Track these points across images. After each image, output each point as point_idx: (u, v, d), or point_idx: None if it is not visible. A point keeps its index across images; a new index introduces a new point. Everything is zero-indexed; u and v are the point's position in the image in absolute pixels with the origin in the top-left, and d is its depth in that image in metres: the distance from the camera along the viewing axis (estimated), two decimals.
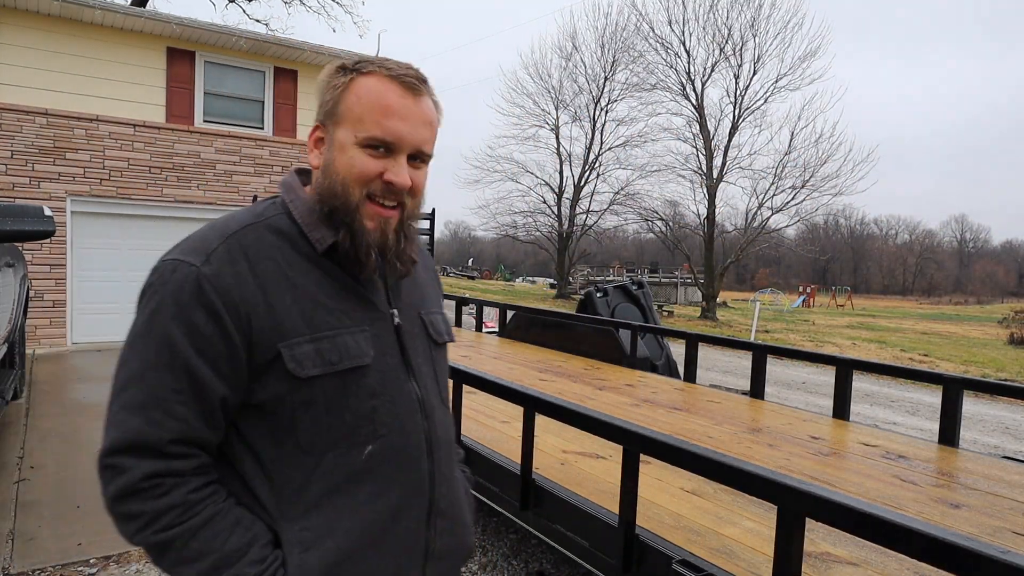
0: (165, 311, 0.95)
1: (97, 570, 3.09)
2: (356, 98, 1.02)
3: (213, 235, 1.01)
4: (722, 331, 17.98)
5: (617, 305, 7.37)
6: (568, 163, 30.12)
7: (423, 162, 1.08)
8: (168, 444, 0.93)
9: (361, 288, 1.07)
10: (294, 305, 0.99)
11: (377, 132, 1.01)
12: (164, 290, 0.96)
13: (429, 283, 1.26)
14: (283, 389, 0.97)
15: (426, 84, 1.07)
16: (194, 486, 0.95)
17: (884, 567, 1.98)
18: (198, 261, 0.97)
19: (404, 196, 1.05)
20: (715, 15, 23.00)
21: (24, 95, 8.86)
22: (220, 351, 0.95)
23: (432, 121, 1.08)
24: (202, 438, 0.96)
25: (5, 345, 4.43)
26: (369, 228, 1.03)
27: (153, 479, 0.93)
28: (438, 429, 1.12)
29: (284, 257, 1.02)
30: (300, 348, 0.97)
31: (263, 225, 1.04)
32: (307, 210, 1.06)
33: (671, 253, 40.65)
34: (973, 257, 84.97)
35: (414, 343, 1.12)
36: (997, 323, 23.97)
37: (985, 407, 9.10)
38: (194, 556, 0.94)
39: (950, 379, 3.46)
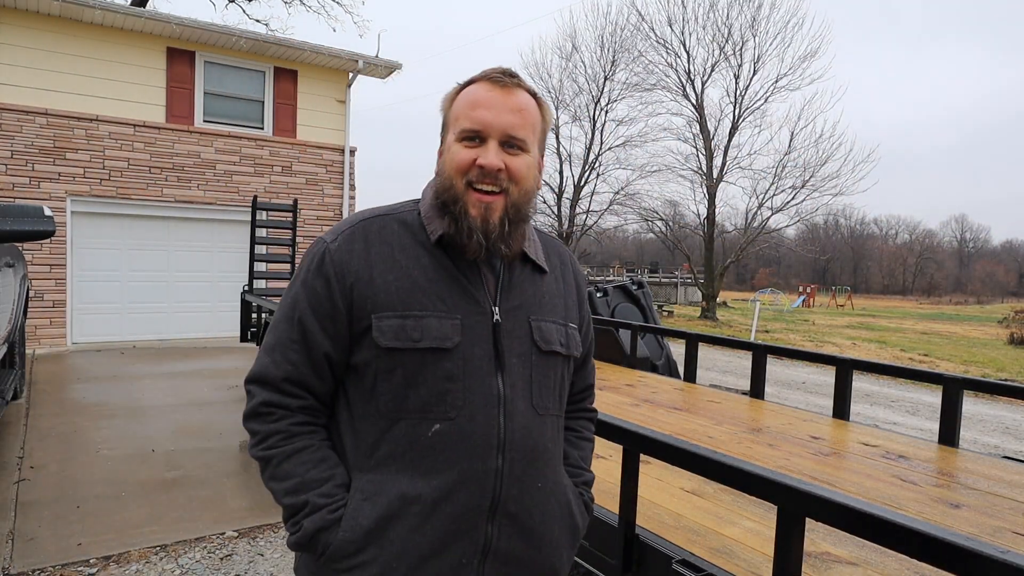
0: (300, 276, 1.18)
1: (97, 570, 3.09)
2: (457, 104, 1.16)
3: (350, 220, 1.20)
4: (722, 331, 17.98)
5: (617, 305, 7.36)
6: (568, 163, 30.11)
7: (520, 149, 1.15)
8: (282, 381, 1.14)
9: (465, 280, 1.15)
10: (395, 283, 1.12)
11: (467, 123, 1.13)
12: (304, 261, 1.19)
13: (557, 294, 1.28)
14: (371, 355, 1.10)
15: (514, 78, 1.17)
16: (298, 420, 1.14)
17: (884, 567, 1.98)
18: (329, 239, 1.17)
19: (504, 181, 1.13)
20: (715, 15, 23.00)
21: (24, 95, 8.87)
22: (328, 312, 1.13)
23: (521, 109, 1.15)
24: (310, 383, 1.14)
25: (5, 345, 4.42)
26: (472, 214, 1.12)
27: (268, 406, 1.14)
28: (518, 431, 1.13)
29: (400, 242, 1.16)
30: (388, 321, 1.10)
31: (392, 216, 1.20)
32: (429, 206, 1.19)
33: (671, 253, 40.69)
34: (973, 257, 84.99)
35: (511, 343, 1.16)
36: (997, 323, 23.97)
37: (985, 407, 9.10)
38: (282, 475, 1.12)
39: (950, 379, 3.46)
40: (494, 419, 1.11)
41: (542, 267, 1.26)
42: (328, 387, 1.17)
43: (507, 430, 1.12)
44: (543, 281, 1.25)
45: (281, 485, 1.12)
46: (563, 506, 1.24)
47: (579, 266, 1.41)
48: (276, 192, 10.70)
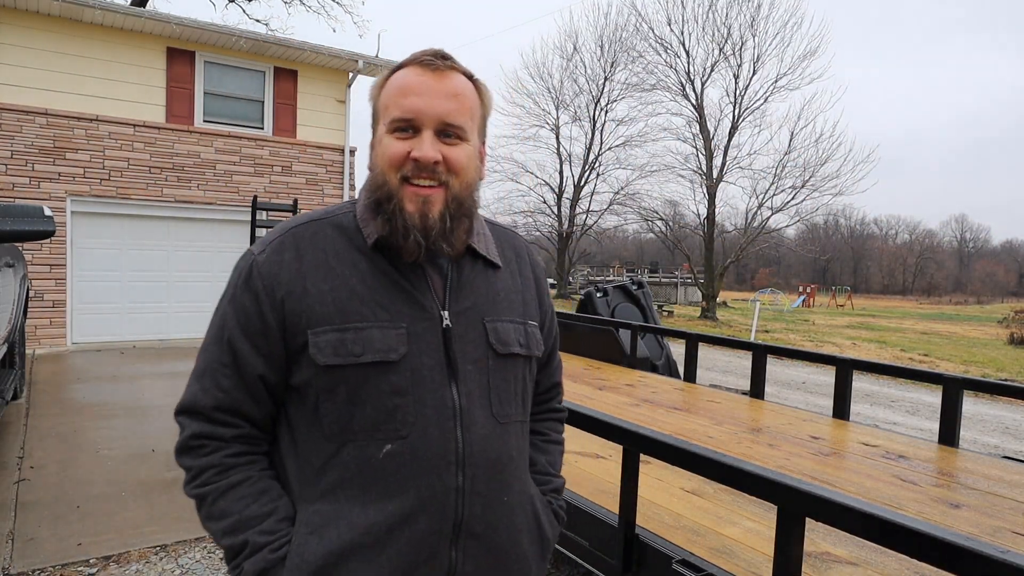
0: (227, 294, 1.08)
1: (97, 570, 3.09)
2: (386, 92, 1.07)
3: (279, 229, 1.10)
4: (722, 331, 17.97)
5: (617, 305, 7.36)
6: (568, 163, 30.15)
7: (458, 138, 1.05)
8: (213, 410, 1.04)
9: (408, 285, 1.05)
10: (330, 293, 1.02)
11: (397, 112, 1.03)
12: (232, 277, 1.09)
13: (513, 290, 1.17)
14: (310, 374, 1.01)
15: (448, 60, 1.06)
16: (233, 451, 1.04)
17: (884, 567, 1.98)
18: (257, 251, 1.08)
19: (442, 174, 1.03)
20: (714, 15, 23.01)
21: (24, 95, 8.86)
22: (258, 330, 1.03)
23: (457, 93, 1.05)
24: (245, 410, 1.05)
25: (5, 345, 4.42)
26: (409, 210, 1.02)
27: (199, 439, 1.04)
28: (476, 443, 1.04)
29: (334, 248, 1.06)
30: (325, 336, 1.00)
31: (326, 221, 1.10)
32: (364, 207, 1.09)
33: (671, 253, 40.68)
34: (973, 257, 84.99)
35: (465, 348, 1.06)
36: (997, 323, 23.96)
37: (985, 407, 9.10)
38: (219, 514, 1.02)
39: (950, 379, 3.46)
40: (450, 433, 1.02)
41: (494, 262, 1.15)
42: (266, 412, 1.07)
43: (465, 443, 1.03)
44: (496, 277, 1.15)
45: (218, 525, 1.02)
46: (531, 518, 1.15)
47: (537, 257, 1.30)
48: (276, 192, 10.70)
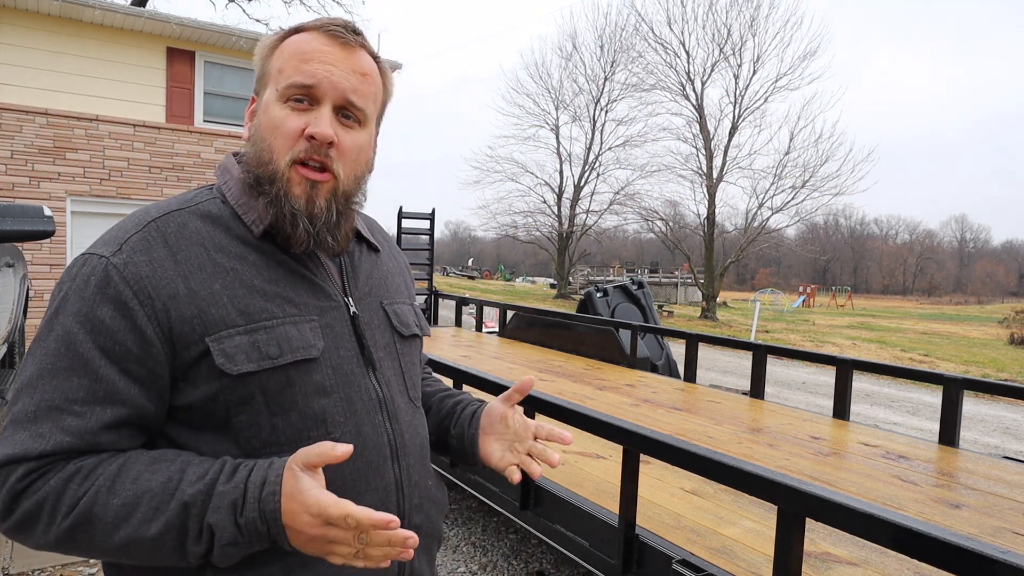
0: (67, 309, 0.84)
1: (97, 570, 3.09)
2: (280, 53, 0.94)
3: (130, 224, 0.90)
4: (722, 331, 17.98)
5: (617, 305, 7.37)
6: (568, 163, 30.17)
7: (358, 122, 0.95)
8: (51, 455, 0.80)
9: (309, 273, 0.95)
10: (224, 292, 0.87)
11: (297, 77, 0.90)
12: (68, 287, 0.85)
13: (395, 272, 1.14)
14: (215, 388, 0.85)
15: (359, 36, 0.96)
16: (89, 457, 0.82)
17: (884, 567, 1.98)
18: (109, 252, 0.85)
19: (331, 159, 0.91)
20: (714, 15, 23.03)
21: (24, 95, 8.87)
22: (130, 350, 0.82)
23: (365, 72, 0.95)
24: (100, 449, 0.82)
25: (5, 345, 4.42)
26: (295, 194, 0.90)
27: (37, 471, 0.79)
28: (405, 432, 1.00)
29: (214, 242, 0.90)
30: (232, 340, 0.85)
31: (190, 211, 0.92)
32: (240, 190, 0.95)
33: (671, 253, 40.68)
34: (973, 257, 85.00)
35: (374, 335, 1.00)
36: (997, 323, 23.97)
37: (985, 407, 9.10)
38: (124, 512, 0.78)
39: (950, 379, 3.46)
40: (381, 426, 0.96)
41: (375, 245, 1.11)
42: (134, 446, 0.86)
43: (396, 434, 0.98)
44: (380, 261, 1.11)
45: (131, 527, 0.78)
46: (443, 492, 1.13)
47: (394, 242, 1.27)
48: None
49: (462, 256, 79.79)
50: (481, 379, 2.83)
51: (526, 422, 1.10)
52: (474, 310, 8.16)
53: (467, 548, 3.64)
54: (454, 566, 3.42)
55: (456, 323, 8.18)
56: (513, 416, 1.09)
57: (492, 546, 3.67)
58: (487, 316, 8.42)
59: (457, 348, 6.28)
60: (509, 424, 1.08)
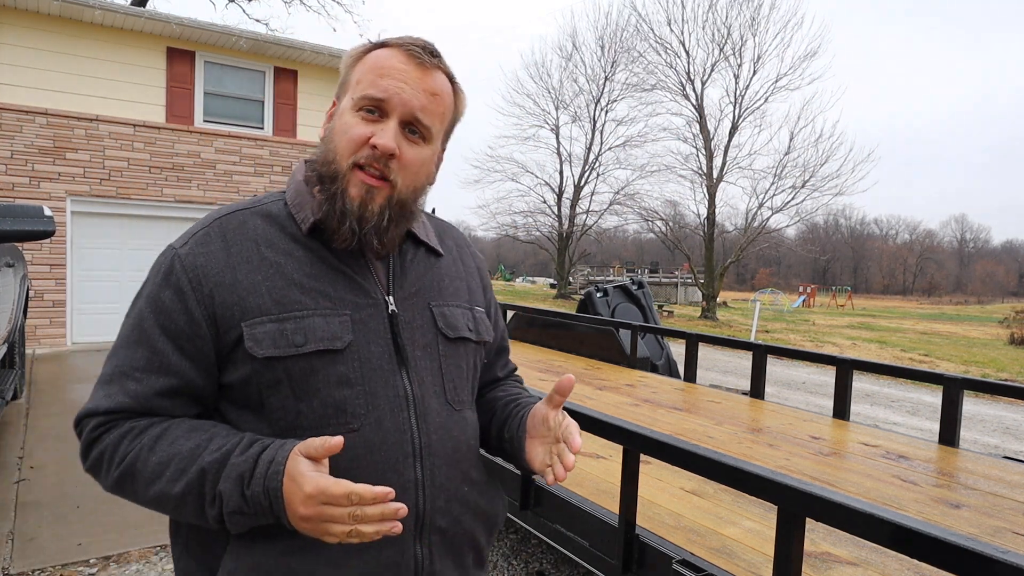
0: (144, 291, 0.99)
1: (97, 570, 3.09)
2: (362, 65, 1.01)
3: (203, 221, 1.02)
4: (722, 331, 17.97)
5: (617, 305, 7.36)
6: (568, 163, 30.16)
7: (423, 138, 1.00)
8: (117, 413, 0.95)
9: (350, 270, 1.00)
10: (264, 283, 0.95)
11: (370, 90, 0.97)
12: (150, 272, 1.00)
13: (457, 277, 1.15)
14: (249, 370, 0.94)
15: (436, 57, 1.01)
16: (144, 419, 0.95)
17: (884, 567, 1.98)
18: (179, 244, 0.99)
19: (391, 169, 0.97)
20: (714, 15, 23.05)
21: (24, 95, 8.87)
22: (182, 329, 0.94)
23: (436, 92, 1.00)
24: (157, 414, 0.95)
25: (5, 345, 4.42)
26: (350, 195, 0.96)
27: (104, 425, 0.94)
28: (434, 432, 1.00)
29: (265, 237, 0.99)
30: (262, 327, 0.93)
31: (254, 211, 1.02)
32: (297, 191, 1.04)
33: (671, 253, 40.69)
34: (973, 257, 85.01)
35: (413, 334, 1.02)
36: (997, 323, 23.96)
37: (985, 407, 9.10)
38: (158, 470, 0.90)
39: (950, 379, 3.46)
40: (405, 423, 0.98)
41: (436, 250, 1.13)
42: (190, 414, 0.98)
43: (422, 433, 0.99)
44: (440, 264, 1.13)
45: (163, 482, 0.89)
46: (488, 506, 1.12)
47: (477, 251, 1.27)
48: None
49: None
50: None
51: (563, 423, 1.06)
52: None
53: None
54: None
55: None
56: (555, 417, 1.06)
57: (492, 546, 3.67)
58: None
59: None
60: (551, 426, 1.06)
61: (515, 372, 1.37)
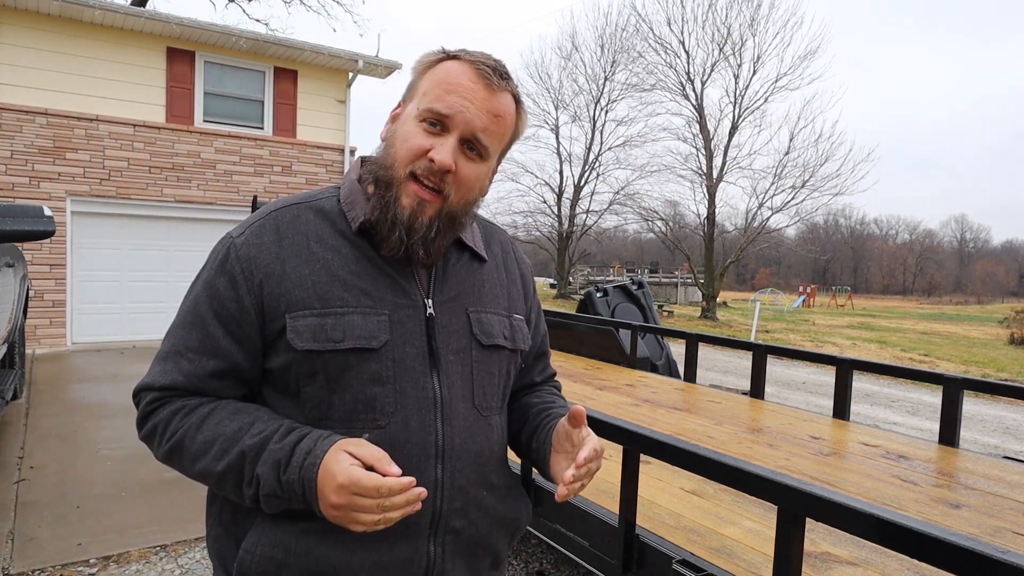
0: (202, 276, 1.04)
1: (97, 570, 3.09)
2: (432, 75, 1.02)
3: (261, 212, 1.07)
4: (722, 331, 17.97)
5: (617, 305, 7.36)
6: (568, 163, 30.17)
7: (480, 156, 1.02)
8: (172, 389, 1.00)
9: (392, 271, 1.03)
10: (311, 277, 0.99)
11: (436, 104, 0.99)
12: (209, 258, 1.05)
13: (499, 283, 1.16)
14: (289, 359, 0.98)
15: (505, 79, 1.03)
16: (194, 398, 1.01)
17: (884, 567, 1.98)
18: (236, 234, 1.04)
19: (446, 183, 0.99)
20: (714, 15, 23.02)
21: (24, 95, 8.87)
22: (233, 315, 0.99)
23: (500, 115, 1.02)
24: (206, 393, 1.01)
25: (5, 345, 4.42)
26: (402, 204, 0.99)
27: (156, 401, 1.01)
28: (458, 436, 1.02)
29: (316, 232, 1.03)
30: (304, 320, 0.97)
31: (308, 205, 1.06)
32: (351, 189, 1.07)
33: (671, 253, 40.70)
34: (973, 257, 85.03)
35: (448, 338, 1.04)
36: (997, 323, 23.96)
37: (985, 407, 9.10)
38: (203, 448, 0.96)
39: (950, 379, 3.46)
40: (431, 425, 1.00)
41: (481, 255, 1.14)
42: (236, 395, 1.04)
43: (446, 436, 1.01)
44: (482, 270, 1.14)
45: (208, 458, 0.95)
46: (510, 511, 1.14)
47: (524, 255, 1.29)
48: (276, 192, 10.70)
49: None
50: None
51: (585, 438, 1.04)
52: None
53: None
54: None
55: None
56: (578, 434, 1.05)
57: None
58: None
59: None
60: (574, 442, 1.05)
61: (553, 377, 1.37)
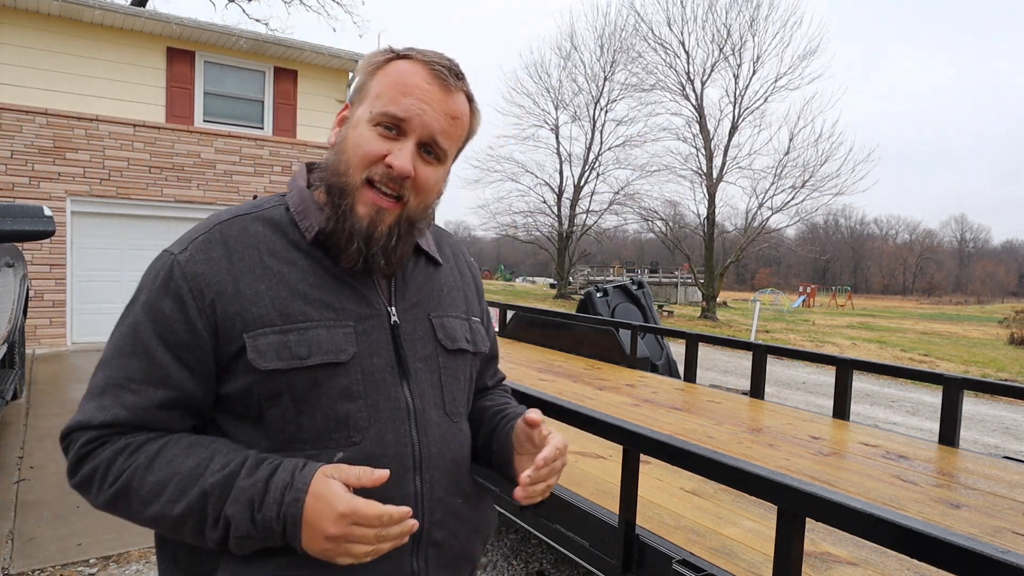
0: (140, 298, 0.95)
1: (97, 570, 3.09)
2: (383, 76, 0.98)
3: (203, 226, 0.99)
4: (722, 331, 17.97)
5: (617, 305, 7.36)
6: (568, 163, 30.17)
7: (438, 159, 0.99)
8: (110, 427, 0.90)
9: (354, 281, 0.99)
10: (268, 293, 0.93)
11: (392, 108, 0.94)
12: (145, 279, 0.97)
13: (455, 287, 1.15)
14: (249, 381, 0.91)
15: (460, 79, 1.00)
16: (138, 433, 0.91)
17: (884, 567, 1.98)
18: (177, 250, 0.96)
19: (405, 189, 0.96)
20: (713, 15, 23.03)
21: (24, 95, 8.87)
22: (183, 339, 0.91)
23: (457, 115, 0.99)
24: (153, 428, 0.92)
25: (5, 345, 4.42)
26: (359, 214, 0.95)
27: (97, 440, 0.90)
28: (433, 445, 1.00)
29: (268, 245, 0.97)
30: (265, 339, 0.91)
31: (255, 216, 1.00)
32: (301, 198, 1.02)
33: (671, 253, 40.71)
34: (973, 257, 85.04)
35: (414, 346, 1.02)
36: (997, 323, 23.96)
37: (985, 407, 9.10)
38: (155, 490, 0.87)
39: (950, 379, 3.46)
40: (406, 436, 0.97)
41: (436, 259, 1.12)
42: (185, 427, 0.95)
43: (422, 446, 0.98)
44: (439, 274, 1.12)
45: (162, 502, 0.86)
46: (482, 518, 1.11)
47: (471, 258, 1.27)
48: (276, 192, 10.71)
49: None
50: None
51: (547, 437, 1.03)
52: None
53: None
54: None
55: None
56: (539, 433, 1.04)
57: (492, 546, 3.67)
58: None
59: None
60: (536, 442, 1.05)
61: (503, 381, 1.35)
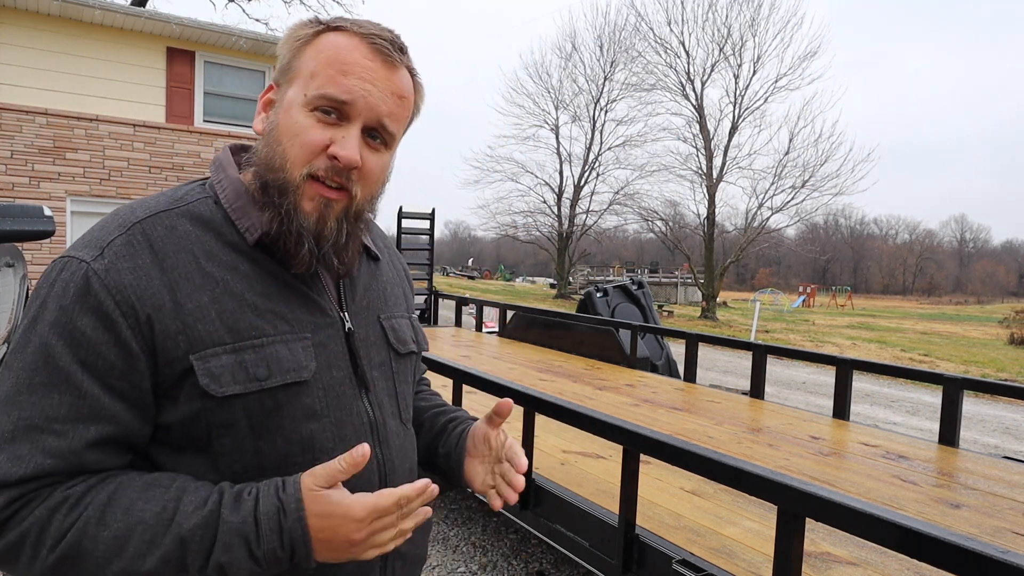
0: (45, 318, 0.77)
1: None
2: (315, 52, 0.85)
3: (113, 225, 0.82)
4: (722, 331, 17.98)
5: (617, 305, 7.37)
6: (568, 163, 30.18)
7: (384, 144, 0.89)
8: (32, 481, 0.74)
9: (304, 287, 0.88)
10: (212, 306, 0.80)
11: (331, 89, 0.82)
12: (47, 293, 0.78)
13: (395, 282, 1.07)
14: (197, 408, 0.79)
15: (404, 54, 0.89)
16: (74, 482, 0.75)
17: (884, 567, 1.98)
18: (89, 256, 0.78)
19: (351, 180, 0.85)
20: (714, 15, 23.03)
21: (24, 95, 8.87)
22: (113, 364, 0.76)
23: (403, 95, 0.88)
24: (86, 470, 0.76)
25: (5, 345, 4.42)
26: (306, 210, 0.84)
27: (21, 499, 0.73)
28: (395, 457, 0.95)
29: (203, 249, 0.83)
30: (218, 360, 0.79)
31: (179, 212, 0.85)
32: (235, 192, 0.88)
33: (671, 253, 40.70)
34: (973, 257, 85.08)
35: (369, 353, 0.94)
36: (997, 323, 23.96)
37: (985, 407, 9.10)
38: (116, 545, 0.72)
39: (950, 379, 3.46)
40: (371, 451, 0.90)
41: (375, 254, 1.04)
42: (121, 464, 0.80)
43: (386, 459, 0.92)
44: (380, 271, 1.04)
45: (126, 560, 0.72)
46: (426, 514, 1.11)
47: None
48: None
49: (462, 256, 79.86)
50: (481, 379, 2.83)
51: (506, 443, 1.03)
52: (474, 310, 8.16)
53: (467, 548, 3.64)
54: (454, 566, 3.42)
55: (456, 323, 8.18)
56: (496, 436, 1.02)
57: (492, 546, 3.67)
58: (487, 316, 8.43)
59: (457, 348, 6.29)
60: (492, 445, 1.02)
61: (424, 374, 1.31)
